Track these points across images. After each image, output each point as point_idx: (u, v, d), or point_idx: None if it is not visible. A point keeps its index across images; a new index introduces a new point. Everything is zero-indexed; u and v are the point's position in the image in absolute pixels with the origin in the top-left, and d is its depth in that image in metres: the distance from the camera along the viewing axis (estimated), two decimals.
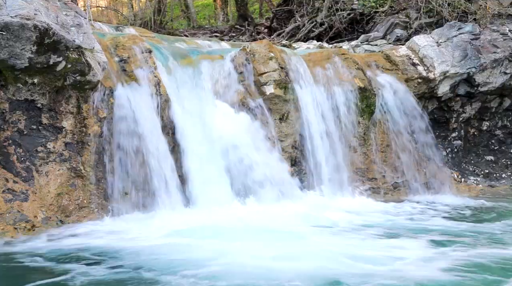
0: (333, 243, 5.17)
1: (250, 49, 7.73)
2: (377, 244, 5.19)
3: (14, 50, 5.54)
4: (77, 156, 6.27)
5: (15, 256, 4.89)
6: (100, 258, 4.77)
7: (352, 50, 9.53)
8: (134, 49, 6.92)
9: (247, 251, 4.79)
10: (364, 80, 8.12)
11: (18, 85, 5.88)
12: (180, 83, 7.15)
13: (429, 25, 9.83)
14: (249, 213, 6.29)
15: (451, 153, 8.98)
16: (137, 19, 14.87)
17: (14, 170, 5.93)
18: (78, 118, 6.28)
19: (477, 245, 5.20)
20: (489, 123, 9.27)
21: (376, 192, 7.90)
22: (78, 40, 6.01)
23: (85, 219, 6.15)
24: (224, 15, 18.36)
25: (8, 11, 5.48)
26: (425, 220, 6.42)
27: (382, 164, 8.11)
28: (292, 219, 6.12)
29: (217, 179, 6.81)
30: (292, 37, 11.91)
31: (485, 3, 9.25)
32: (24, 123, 6.02)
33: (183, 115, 6.89)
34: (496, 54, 8.76)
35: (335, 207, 6.90)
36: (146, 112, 6.60)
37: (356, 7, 11.48)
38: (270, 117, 7.45)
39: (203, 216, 6.17)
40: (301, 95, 7.67)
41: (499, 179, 8.97)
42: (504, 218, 6.46)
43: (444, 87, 8.62)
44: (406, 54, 8.70)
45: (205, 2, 20.98)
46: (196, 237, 5.26)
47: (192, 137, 6.85)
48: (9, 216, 5.70)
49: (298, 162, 7.60)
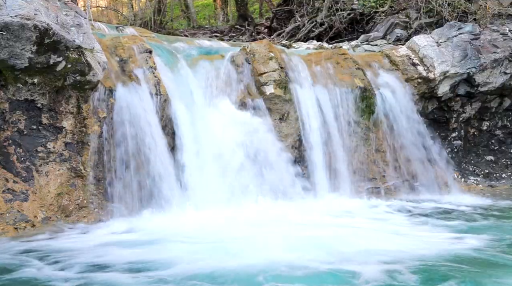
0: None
1: (250, 49, 7.73)
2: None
3: (14, 50, 5.54)
4: (77, 156, 6.27)
5: (15, 256, 4.89)
6: (102, 259, 4.79)
7: (352, 50, 9.53)
8: (134, 49, 6.93)
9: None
10: (364, 80, 8.12)
11: (18, 85, 5.88)
12: (180, 83, 7.15)
13: (429, 25, 9.83)
14: (248, 213, 6.29)
15: (451, 153, 8.97)
16: (137, 19, 14.86)
17: (14, 170, 5.93)
18: (78, 118, 6.28)
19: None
20: (489, 123, 9.27)
21: (376, 192, 7.89)
22: (78, 40, 6.01)
23: (85, 219, 6.15)
24: (224, 15, 18.36)
25: (8, 11, 5.48)
26: (425, 220, 6.42)
27: (382, 164, 8.11)
28: (290, 219, 6.12)
29: (217, 178, 6.81)
30: (292, 37, 11.91)
31: (485, 3, 9.25)
32: (24, 123, 6.02)
33: (183, 115, 6.89)
34: (496, 54, 8.76)
35: (335, 207, 6.90)
36: (146, 112, 6.60)
37: (356, 7, 11.48)
38: (270, 117, 7.44)
39: (205, 216, 6.18)
40: (301, 95, 7.66)
41: (499, 179, 8.97)
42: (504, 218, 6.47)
43: (444, 87, 8.62)
44: (406, 54, 8.70)
45: (205, 2, 20.98)
46: (204, 238, 5.29)
47: (192, 137, 6.85)
48: (9, 216, 5.70)
49: (298, 162, 7.59)
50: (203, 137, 6.94)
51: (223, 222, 5.97)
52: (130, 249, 5.02)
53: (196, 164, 6.75)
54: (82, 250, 5.03)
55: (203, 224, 5.85)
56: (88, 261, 4.70)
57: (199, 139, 6.89)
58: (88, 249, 5.08)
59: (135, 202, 6.43)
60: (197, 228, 5.75)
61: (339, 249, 4.90)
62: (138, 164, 6.48)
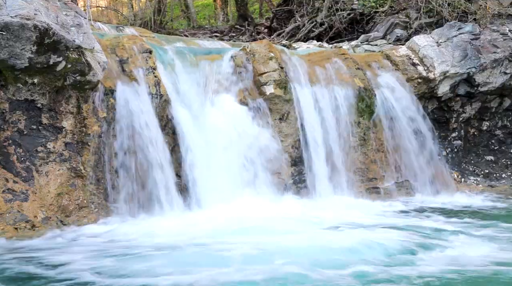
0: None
1: (250, 49, 7.73)
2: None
3: (14, 50, 5.54)
4: (77, 156, 6.27)
5: (15, 256, 4.89)
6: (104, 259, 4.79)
7: (352, 50, 9.53)
8: (134, 49, 6.92)
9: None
10: (364, 80, 8.12)
11: (18, 85, 5.88)
12: (180, 83, 7.15)
13: (429, 25, 9.83)
14: (247, 212, 6.30)
15: (451, 153, 8.97)
16: (137, 19, 14.87)
17: (14, 170, 5.93)
18: (78, 118, 6.28)
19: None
20: (489, 123, 9.26)
21: (376, 192, 7.90)
22: (78, 40, 6.01)
23: (85, 219, 6.15)
24: (224, 15, 18.35)
25: (8, 11, 5.48)
26: (425, 220, 6.42)
27: (382, 164, 8.11)
28: (289, 219, 6.12)
29: (218, 178, 6.81)
30: (292, 37, 11.90)
31: (485, 3, 9.25)
32: (24, 123, 6.02)
33: (183, 115, 6.89)
34: (496, 54, 8.76)
35: (334, 207, 6.90)
36: (146, 112, 6.60)
37: (356, 7, 11.48)
38: (270, 117, 7.44)
39: (207, 215, 6.18)
40: (301, 95, 7.66)
41: (499, 179, 8.97)
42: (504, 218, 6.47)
43: (444, 87, 8.62)
44: (406, 54, 8.69)
45: (205, 2, 20.98)
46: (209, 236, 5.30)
47: (192, 137, 6.85)
48: (9, 216, 5.71)
49: (298, 162, 7.59)
50: (203, 137, 6.94)
51: (223, 221, 5.97)
52: (130, 249, 5.02)
53: (196, 164, 6.75)
54: (82, 250, 5.03)
55: (203, 224, 5.85)
56: (88, 261, 4.70)
57: (199, 139, 6.89)
58: (89, 249, 5.08)
59: (136, 202, 6.43)
60: (198, 227, 5.75)
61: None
62: (138, 164, 6.48)
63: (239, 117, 7.25)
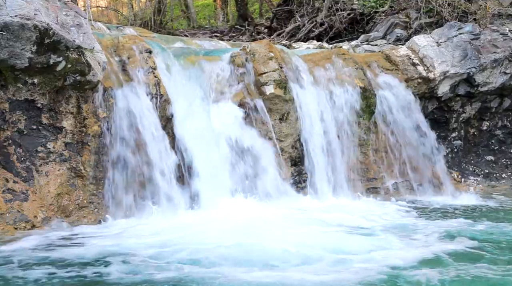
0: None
1: (250, 49, 7.73)
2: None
3: (14, 50, 5.54)
4: (77, 156, 6.27)
5: (15, 256, 4.89)
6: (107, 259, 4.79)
7: (352, 50, 9.53)
8: (134, 49, 6.92)
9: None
10: (364, 80, 8.12)
11: (18, 85, 5.88)
12: (180, 84, 7.15)
13: (429, 25, 9.84)
14: (247, 212, 6.30)
15: (451, 153, 8.97)
16: (137, 19, 14.89)
17: (14, 170, 5.93)
18: (78, 118, 6.28)
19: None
20: (489, 123, 9.27)
21: (376, 192, 7.90)
22: (78, 40, 6.01)
23: (85, 219, 6.16)
24: (224, 15, 18.36)
25: (8, 11, 5.48)
26: (425, 220, 6.42)
27: (382, 164, 8.11)
28: (288, 219, 6.12)
29: (218, 178, 6.81)
30: (292, 37, 11.91)
31: (485, 3, 9.26)
32: (24, 123, 6.02)
33: (184, 116, 6.89)
34: (496, 54, 8.76)
35: (334, 207, 6.91)
36: (146, 112, 6.60)
37: (356, 7, 11.49)
38: (270, 117, 7.44)
39: (208, 214, 6.18)
40: (301, 95, 7.66)
41: (499, 179, 8.97)
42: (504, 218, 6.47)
43: (444, 87, 8.62)
44: (406, 54, 8.69)
45: (205, 2, 20.99)
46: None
47: (192, 137, 6.85)
48: (9, 216, 5.71)
49: (298, 162, 7.60)
50: (203, 137, 6.94)
51: (223, 221, 5.97)
52: (130, 249, 5.02)
53: (196, 164, 6.75)
54: (82, 250, 5.03)
55: (204, 223, 5.85)
56: (87, 261, 4.71)
57: (199, 139, 6.89)
58: (88, 249, 5.08)
59: (136, 202, 6.43)
60: (198, 227, 5.75)
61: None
62: (139, 164, 6.48)
63: (239, 117, 7.25)
